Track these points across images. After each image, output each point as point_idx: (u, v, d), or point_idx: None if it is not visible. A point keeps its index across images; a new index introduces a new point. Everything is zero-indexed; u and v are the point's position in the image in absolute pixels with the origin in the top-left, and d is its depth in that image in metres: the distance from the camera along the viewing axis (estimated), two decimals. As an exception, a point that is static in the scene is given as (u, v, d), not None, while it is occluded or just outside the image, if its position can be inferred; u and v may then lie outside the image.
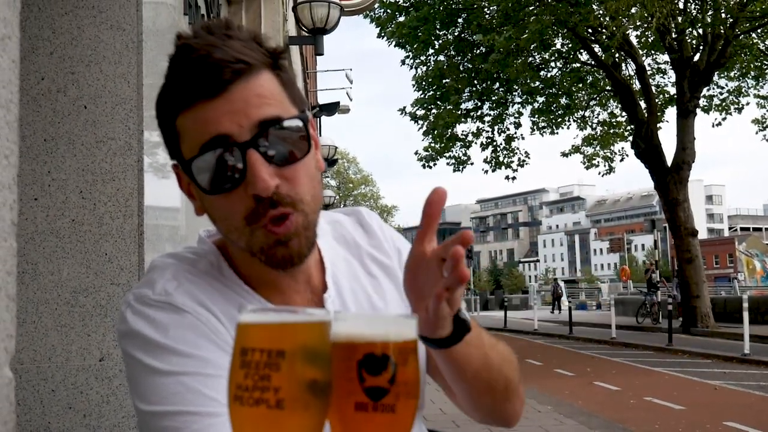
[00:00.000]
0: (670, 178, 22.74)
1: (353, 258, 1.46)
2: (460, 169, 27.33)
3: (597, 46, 23.85)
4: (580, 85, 26.77)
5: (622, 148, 27.91)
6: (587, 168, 28.40)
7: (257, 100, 1.19)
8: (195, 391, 1.14)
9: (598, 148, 27.93)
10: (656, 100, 25.00)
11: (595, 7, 21.52)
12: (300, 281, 1.35)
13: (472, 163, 27.60)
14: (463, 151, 27.27)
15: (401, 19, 25.53)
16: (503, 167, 27.08)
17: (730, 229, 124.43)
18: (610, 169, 28.01)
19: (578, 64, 26.14)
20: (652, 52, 26.04)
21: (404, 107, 27.12)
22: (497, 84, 26.10)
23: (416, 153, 27.41)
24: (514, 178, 27.19)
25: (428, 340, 1.15)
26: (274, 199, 1.18)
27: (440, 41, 25.84)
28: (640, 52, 24.83)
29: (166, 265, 1.30)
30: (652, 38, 24.51)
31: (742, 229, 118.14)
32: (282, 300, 1.32)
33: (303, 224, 1.23)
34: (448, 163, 27.42)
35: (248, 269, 1.32)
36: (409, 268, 1.14)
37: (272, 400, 0.75)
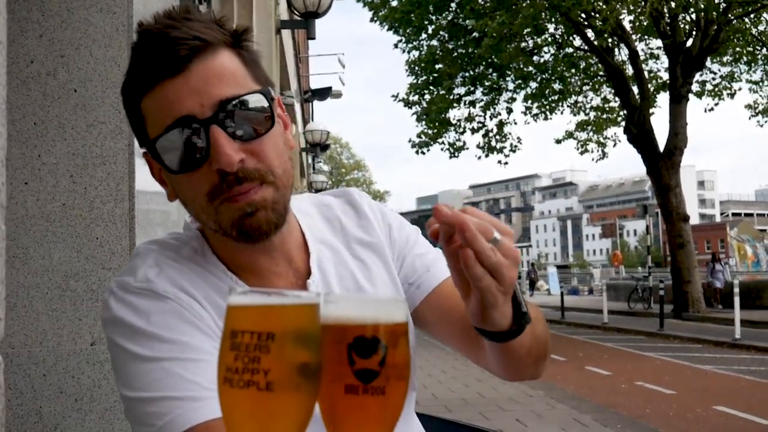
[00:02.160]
0: (663, 164, 22.78)
1: (340, 243, 1.46)
2: (456, 155, 27.33)
3: (590, 30, 23.81)
4: (573, 71, 26.74)
5: (615, 133, 27.95)
6: (581, 153, 28.43)
7: (217, 79, 1.20)
8: (177, 376, 1.14)
9: (591, 133, 27.94)
10: (649, 86, 24.99)
11: (588, -9, 21.47)
12: (280, 264, 1.35)
13: (467, 149, 27.59)
14: (457, 137, 27.25)
15: (394, 3, 25.45)
16: (495, 152, 27.07)
17: (721, 214, 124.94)
18: (604, 155, 28.05)
19: (571, 49, 26.10)
20: (645, 37, 26.00)
21: (397, 93, 27.07)
22: (490, 69, 26.05)
23: (410, 141, 27.38)
24: (506, 163, 27.20)
25: (488, 333, 1.13)
26: (239, 175, 1.19)
27: (433, 26, 25.76)
28: (633, 37, 24.79)
29: (149, 252, 1.30)
30: (645, 23, 24.47)
31: (733, 214, 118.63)
32: (264, 285, 1.32)
33: (272, 198, 1.23)
34: (442, 149, 27.40)
35: (227, 254, 1.33)
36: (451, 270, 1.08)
37: (262, 382, 0.75)
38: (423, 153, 27.41)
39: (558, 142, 28.84)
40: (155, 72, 1.19)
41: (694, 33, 23.23)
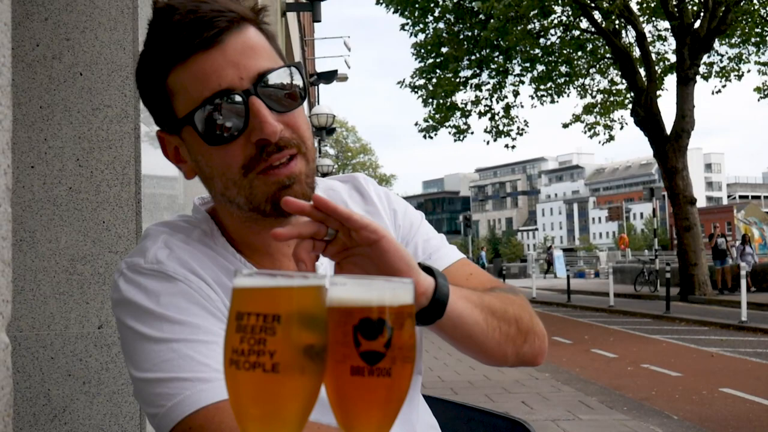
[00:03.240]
0: (669, 146, 22.70)
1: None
2: (461, 138, 27.29)
3: (597, 12, 23.67)
4: (580, 53, 26.62)
5: (622, 116, 27.99)
6: (590, 137, 28.34)
7: (251, 52, 1.21)
8: (186, 357, 1.14)
9: (598, 116, 27.84)
10: (656, 68, 24.87)
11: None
12: (291, 245, 1.34)
13: (472, 132, 27.55)
14: (463, 121, 27.19)
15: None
16: (503, 136, 27.03)
17: (728, 197, 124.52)
18: (610, 138, 27.96)
19: (578, 32, 25.97)
20: (653, 18, 25.86)
21: (403, 80, 27.00)
22: (496, 52, 25.94)
23: (416, 124, 27.34)
24: (513, 146, 27.16)
25: None
26: (280, 144, 1.20)
27: (439, 8, 25.63)
28: (641, 19, 24.66)
29: (159, 233, 1.31)
30: (653, 4, 24.31)
31: (740, 197, 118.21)
32: (273, 266, 1.33)
33: (305, 171, 1.25)
34: (449, 133, 27.38)
35: (239, 235, 1.33)
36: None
37: (268, 364, 0.75)
38: (431, 137, 27.40)
39: (565, 126, 28.76)
40: (190, 45, 1.19)
41: (701, 14, 23.08)
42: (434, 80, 26.61)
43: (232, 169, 1.22)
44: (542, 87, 27.26)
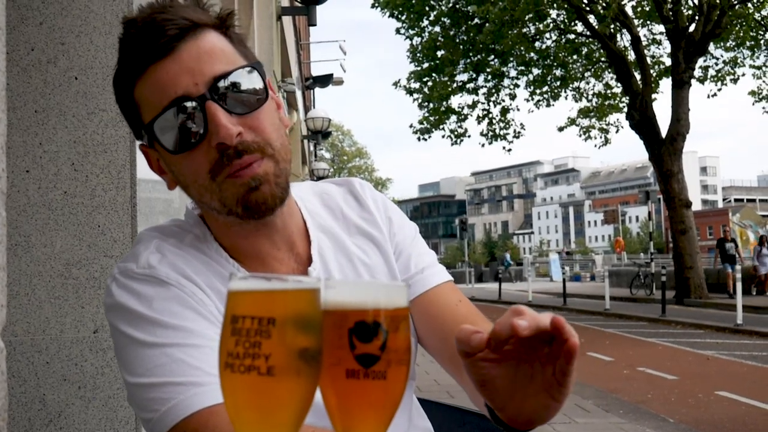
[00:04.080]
0: (665, 150, 22.74)
1: (341, 230, 1.45)
2: (458, 142, 27.33)
3: (592, 16, 23.72)
4: (575, 57, 26.68)
5: (618, 119, 27.91)
6: (585, 140, 28.41)
7: (208, 57, 1.20)
8: (180, 361, 1.14)
9: (593, 119, 27.89)
10: (651, 71, 24.93)
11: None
12: (282, 249, 1.35)
13: (469, 136, 27.62)
14: (459, 124, 27.24)
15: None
16: (499, 139, 27.08)
17: (724, 200, 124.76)
18: (606, 141, 28.01)
19: (573, 35, 26.03)
20: (648, 22, 25.93)
21: (398, 80, 27.04)
22: (492, 56, 25.99)
23: (411, 126, 27.37)
24: (509, 149, 27.21)
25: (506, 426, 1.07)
26: (239, 148, 1.19)
27: (435, 12, 25.68)
28: (636, 23, 24.72)
29: (151, 238, 1.31)
30: (647, 8, 24.37)
31: (736, 200, 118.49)
32: (265, 271, 1.33)
33: (274, 171, 1.24)
34: (443, 137, 27.42)
35: (228, 239, 1.33)
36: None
37: (263, 367, 0.75)
38: (425, 139, 27.42)
39: (560, 129, 28.81)
40: (145, 56, 1.20)
41: (696, 18, 23.14)
42: (430, 84, 26.65)
43: (200, 175, 1.23)
44: (538, 91, 27.31)
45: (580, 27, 25.32)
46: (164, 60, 1.19)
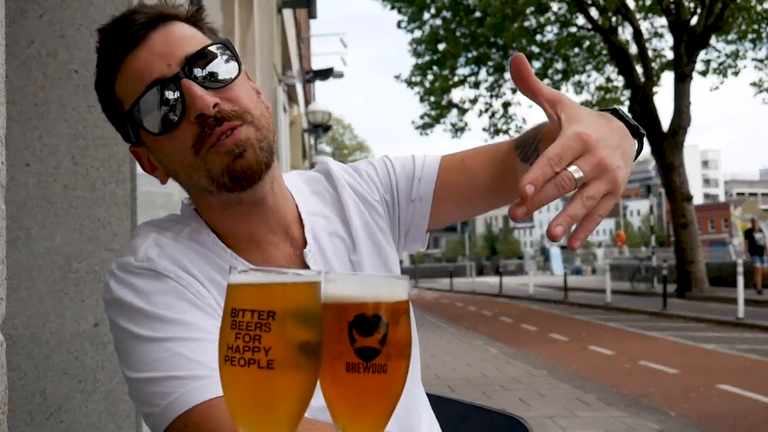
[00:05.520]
0: (666, 143, 22.72)
1: (331, 212, 1.46)
2: (458, 135, 27.34)
3: (594, 9, 23.67)
4: (577, 50, 26.63)
5: (619, 112, 27.86)
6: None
7: (179, 41, 1.25)
8: (179, 355, 1.14)
9: (595, 113, 27.85)
10: (653, 65, 24.89)
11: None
12: (278, 233, 1.35)
13: (470, 129, 27.65)
14: (460, 118, 27.23)
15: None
16: (501, 134, 27.08)
17: (726, 194, 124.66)
18: (607, 134, 27.94)
19: (575, 29, 25.98)
20: (649, 15, 25.86)
21: (399, 74, 27.03)
22: (493, 49, 25.96)
23: (413, 122, 27.38)
24: (510, 144, 27.18)
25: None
26: (218, 116, 1.22)
27: (436, 5, 25.64)
28: (637, 16, 24.66)
29: (149, 232, 1.31)
30: (649, 1, 24.31)
31: (738, 194, 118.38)
32: (262, 257, 1.33)
33: (256, 136, 1.25)
34: (445, 130, 27.43)
35: (223, 226, 1.34)
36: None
37: (263, 360, 0.74)
38: (426, 134, 27.42)
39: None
40: (118, 49, 1.24)
41: (698, 11, 23.08)
42: (431, 77, 26.63)
43: (185, 152, 1.24)
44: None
45: (581, 20, 25.26)
46: (137, 49, 1.23)
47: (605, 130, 1.04)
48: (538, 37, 25.89)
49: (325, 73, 22.04)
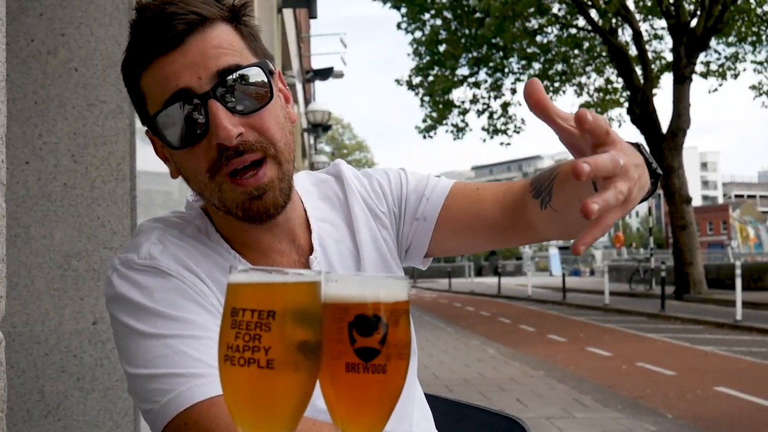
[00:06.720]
0: (665, 145, 22.72)
1: (340, 219, 1.46)
2: (460, 136, 27.35)
3: (594, 10, 23.66)
4: (577, 51, 26.61)
5: (619, 114, 27.87)
6: (586, 135, 28.35)
7: (214, 51, 1.19)
8: (181, 352, 1.14)
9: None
10: (652, 66, 24.88)
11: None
12: (283, 241, 1.35)
13: (471, 130, 27.67)
14: (461, 118, 27.23)
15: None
16: (499, 134, 27.07)
17: (724, 196, 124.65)
18: (606, 136, 27.93)
19: (575, 30, 25.97)
20: (649, 17, 25.86)
21: (401, 77, 27.03)
22: (494, 50, 25.95)
23: (416, 127, 27.41)
24: (508, 144, 27.21)
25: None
26: (240, 148, 1.18)
27: (436, 5, 25.63)
28: (637, 17, 24.65)
29: (152, 229, 1.30)
30: (649, 3, 24.30)
31: (736, 196, 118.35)
32: (267, 263, 1.32)
33: (278, 175, 1.23)
34: (446, 131, 27.43)
35: (229, 231, 1.33)
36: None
37: (263, 360, 0.74)
38: (430, 137, 27.46)
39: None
40: (152, 48, 1.19)
41: (698, 13, 23.08)
42: (431, 78, 26.62)
43: (199, 171, 1.22)
44: (539, 85, 27.24)
45: (581, 21, 25.24)
46: (171, 53, 1.18)
47: (633, 163, 1.00)
48: (539, 38, 25.86)
49: (325, 73, 22.04)
